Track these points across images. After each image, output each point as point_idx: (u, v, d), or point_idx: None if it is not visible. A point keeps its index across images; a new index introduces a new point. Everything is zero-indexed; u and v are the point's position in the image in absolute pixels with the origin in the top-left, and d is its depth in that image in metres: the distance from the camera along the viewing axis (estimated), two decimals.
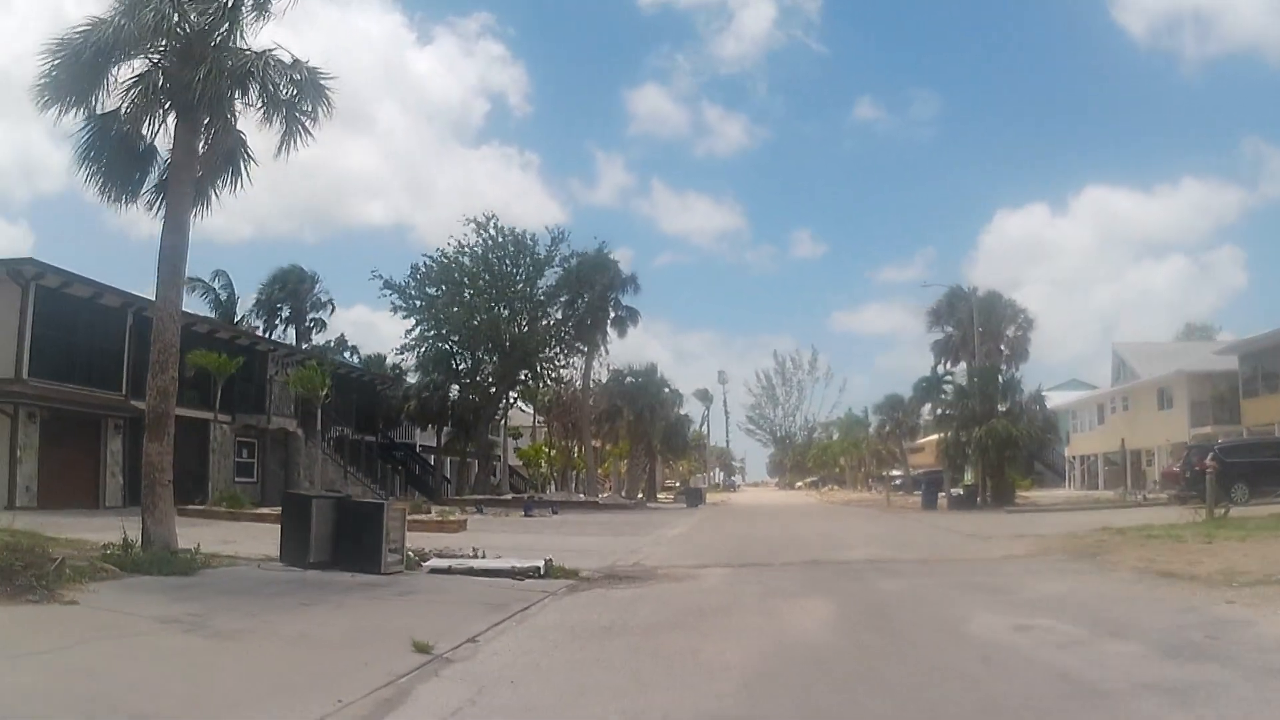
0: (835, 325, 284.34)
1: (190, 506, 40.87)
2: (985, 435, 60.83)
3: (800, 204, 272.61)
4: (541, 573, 21.40)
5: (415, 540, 25.78)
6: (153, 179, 24.12)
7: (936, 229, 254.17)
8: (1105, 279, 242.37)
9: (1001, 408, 64.07)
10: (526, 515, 54.37)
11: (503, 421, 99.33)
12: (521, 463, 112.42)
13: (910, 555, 27.93)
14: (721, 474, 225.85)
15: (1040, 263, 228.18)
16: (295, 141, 23.22)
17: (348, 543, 21.60)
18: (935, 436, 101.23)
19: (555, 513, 58.31)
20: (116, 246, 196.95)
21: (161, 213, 23.33)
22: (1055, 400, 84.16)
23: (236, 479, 57.60)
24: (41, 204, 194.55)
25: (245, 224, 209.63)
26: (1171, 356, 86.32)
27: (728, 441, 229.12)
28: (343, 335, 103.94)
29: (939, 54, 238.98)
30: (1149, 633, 13.57)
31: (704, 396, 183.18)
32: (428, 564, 22.45)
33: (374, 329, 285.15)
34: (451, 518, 41.24)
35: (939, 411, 73.07)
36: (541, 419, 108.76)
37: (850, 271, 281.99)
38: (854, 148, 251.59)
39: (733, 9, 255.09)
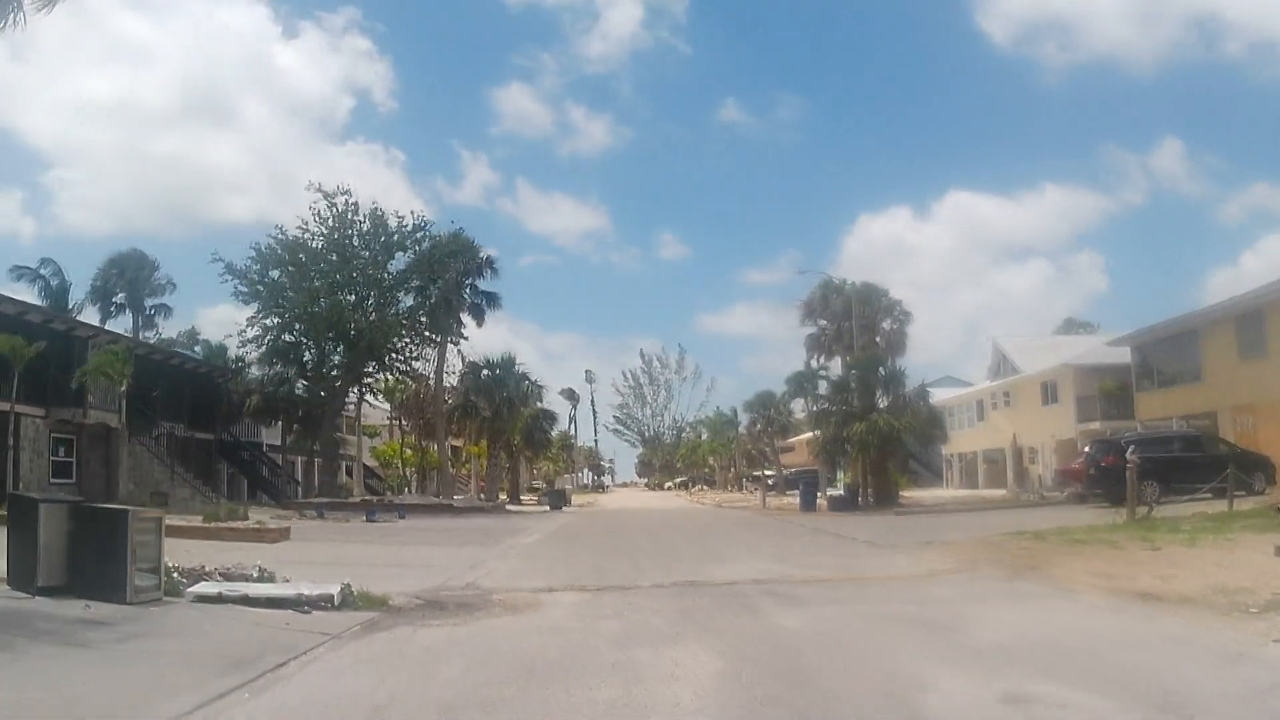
0: (701, 327, 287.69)
1: None
2: (866, 431, 56.81)
3: (665, 205, 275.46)
4: (335, 602, 16.44)
5: (221, 554, 23.46)
6: None
7: (800, 232, 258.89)
8: (968, 282, 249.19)
9: (882, 403, 60.28)
10: (369, 521, 49.88)
11: (357, 418, 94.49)
12: (378, 463, 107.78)
13: (806, 572, 23.04)
14: (590, 475, 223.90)
15: (903, 265, 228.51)
16: None
17: (89, 561, 16.58)
18: (808, 435, 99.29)
19: (402, 517, 54.13)
20: None
21: None
22: (932, 397, 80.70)
23: (53, 479, 52.26)
24: None
25: (104, 219, 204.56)
26: (1053, 350, 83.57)
27: (596, 442, 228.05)
28: (193, 328, 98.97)
29: (804, 57, 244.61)
30: (1221, 707, 9.27)
31: (571, 396, 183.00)
32: (195, 589, 17.25)
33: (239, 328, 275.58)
34: (270, 526, 36.17)
35: (815, 407, 69.75)
36: (395, 416, 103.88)
37: (715, 273, 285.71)
38: (719, 150, 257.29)
39: (599, 9, 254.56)
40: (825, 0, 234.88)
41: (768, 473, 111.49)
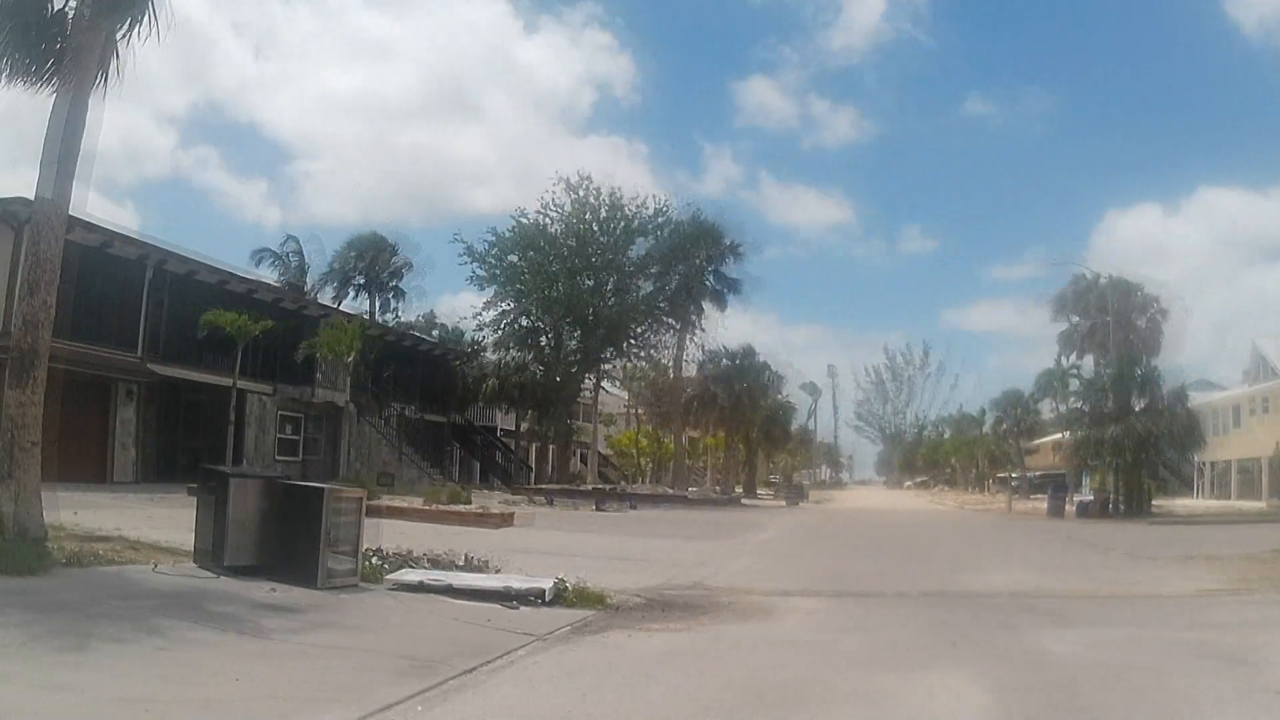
0: (944, 322, 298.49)
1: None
2: (1121, 435, 54.07)
3: (910, 199, 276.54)
4: (546, 598, 14.93)
5: (438, 539, 22.59)
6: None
7: (1047, 228, 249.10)
8: (1220, 281, 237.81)
9: (1138, 405, 56.90)
10: (598, 509, 48.58)
11: (594, 406, 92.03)
12: (612, 452, 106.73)
13: (1065, 584, 20.87)
14: (828, 471, 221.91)
15: (1152, 263, 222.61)
16: None
17: (281, 542, 15.41)
18: (1055, 436, 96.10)
19: (633, 508, 52.24)
20: (225, 228, 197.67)
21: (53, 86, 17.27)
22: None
23: (278, 456, 52.01)
24: (147, 187, 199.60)
25: (349, 209, 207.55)
26: None
27: (835, 437, 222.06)
28: (431, 313, 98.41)
29: (1048, 49, 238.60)
30: None
31: (812, 390, 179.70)
32: (396, 576, 15.91)
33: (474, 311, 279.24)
34: (493, 511, 34.81)
35: (1069, 407, 66.84)
36: (630, 404, 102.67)
37: (959, 268, 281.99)
38: (963, 143, 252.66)
39: (841, 1, 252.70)
40: None
41: (1010, 475, 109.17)
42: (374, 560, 16.70)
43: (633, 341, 75.69)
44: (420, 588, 15.23)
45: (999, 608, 16.50)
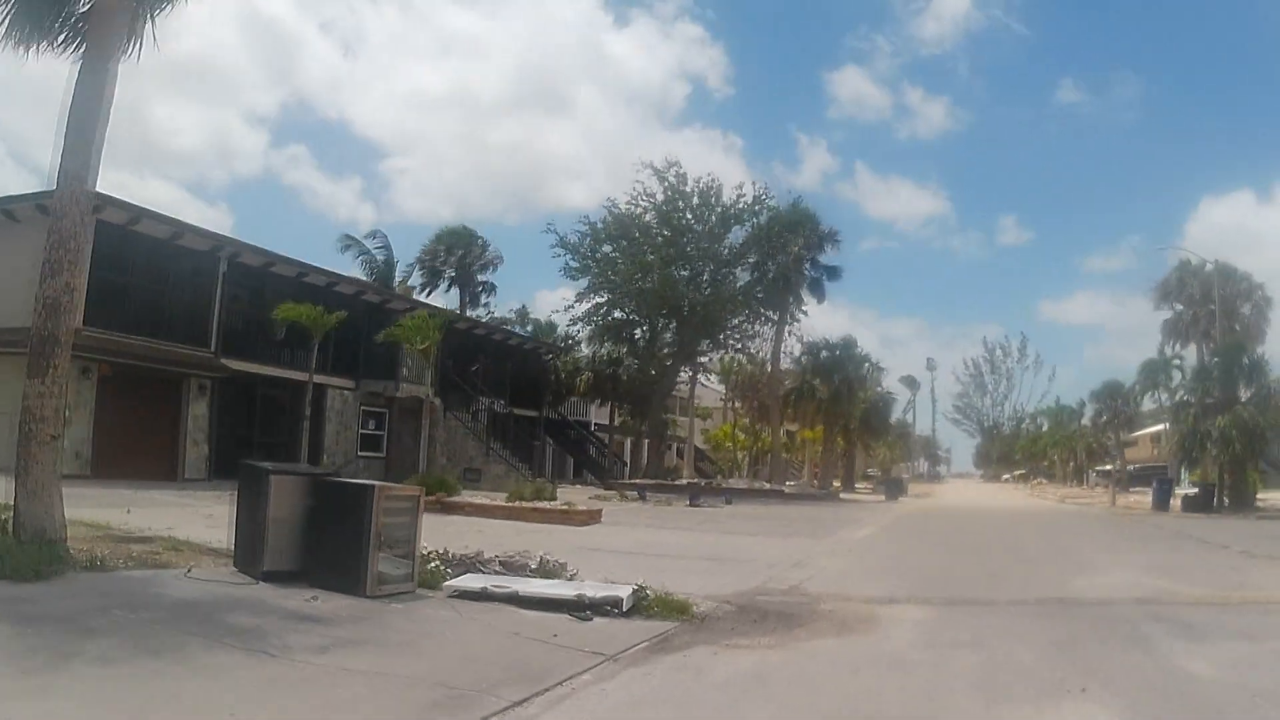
0: (1042, 314, 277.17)
1: None
2: (1229, 425, 52.10)
3: (1005, 189, 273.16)
4: (624, 607, 13.32)
5: (519, 537, 22.57)
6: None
7: (1142, 217, 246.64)
8: None
9: (1244, 395, 55.42)
10: (692, 505, 46.68)
11: (690, 399, 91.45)
12: (709, 446, 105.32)
13: (1189, 588, 18.91)
14: (926, 464, 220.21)
15: (1247, 252, 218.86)
16: None
17: (329, 544, 13.94)
18: (1154, 429, 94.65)
19: (728, 502, 50.39)
20: (318, 228, 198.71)
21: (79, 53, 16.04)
22: None
23: (360, 452, 51.28)
24: (239, 186, 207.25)
25: (441, 205, 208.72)
26: None
27: (934, 430, 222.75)
28: (524, 307, 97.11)
29: (1141, 34, 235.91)
30: None
31: (910, 383, 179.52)
32: (456, 581, 14.37)
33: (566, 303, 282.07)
34: (579, 508, 33.19)
35: (1174, 397, 64.74)
36: (727, 398, 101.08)
37: (1056, 259, 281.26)
38: (1057, 131, 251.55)
39: None
40: None
41: (1106, 467, 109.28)
42: (435, 564, 15.24)
43: (729, 333, 73.39)
44: (483, 595, 13.70)
45: (1125, 618, 14.71)
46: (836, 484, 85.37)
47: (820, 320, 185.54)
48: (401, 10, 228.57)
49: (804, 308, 78.08)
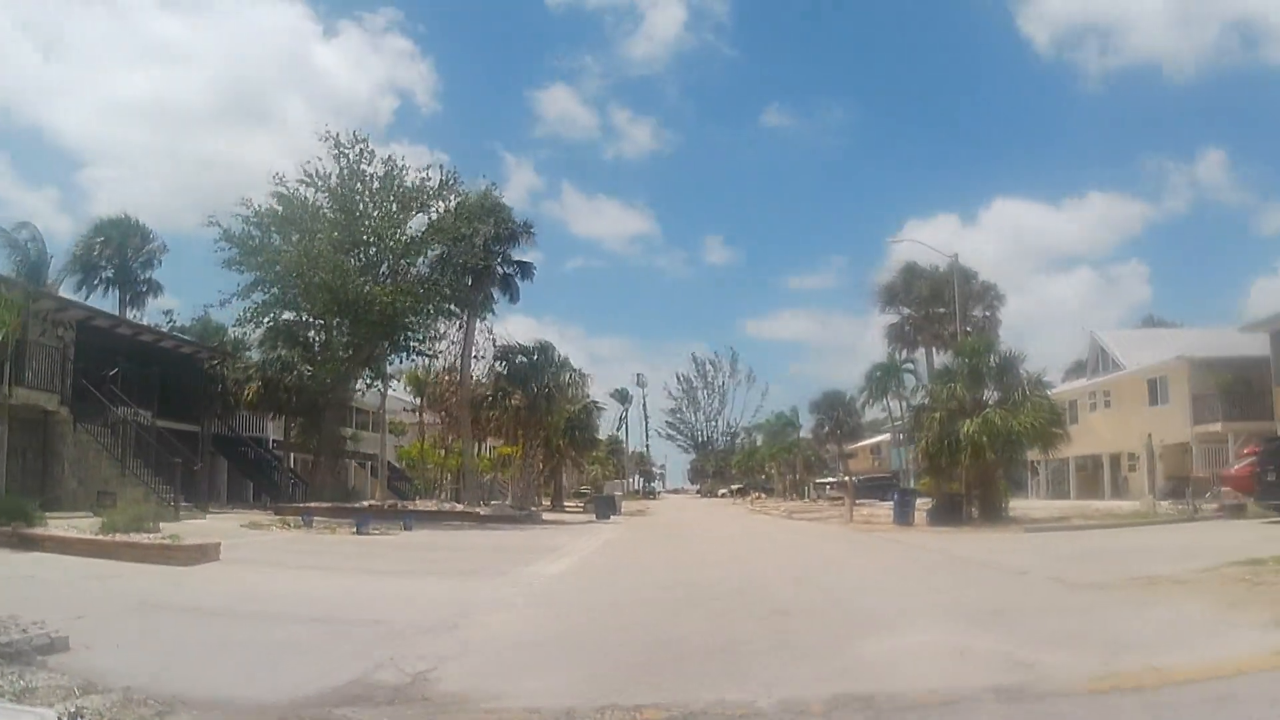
0: (749, 332, 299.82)
1: None
2: (979, 430, 47.04)
3: (712, 209, 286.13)
4: None
5: (85, 583, 18.51)
6: None
7: (848, 238, 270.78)
8: (1015, 290, 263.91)
9: (991, 397, 50.86)
10: (359, 533, 39.60)
11: (381, 411, 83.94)
12: (406, 464, 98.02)
13: (1053, 657, 11.90)
14: (641, 480, 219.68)
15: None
16: None
17: None
18: (878, 439, 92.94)
19: (409, 528, 43.52)
20: None
21: None
22: None
23: None
24: None
25: (144, 218, 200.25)
26: (1156, 343, 76.42)
27: (646, 446, 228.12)
28: (206, 312, 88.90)
29: (848, 61, 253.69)
30: None
31: (622, 397, 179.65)
32: None
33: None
34: (184, 543, 25.38)
35: (911, 401, 60.28)
36: (419, 409, 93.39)
37: (762, 278, 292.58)
38: (764, 154, 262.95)
39: (642, 10, 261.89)
40: (868, 4, 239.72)
41: (831, 480, 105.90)
42: None
43: (411, 333, 63.37)
44: None
45: None
46: (545, 503, 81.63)
47: (525, 335, 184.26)
48: (107, 14, 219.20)
49: (495, 307, 74.51)
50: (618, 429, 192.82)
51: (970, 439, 47.22)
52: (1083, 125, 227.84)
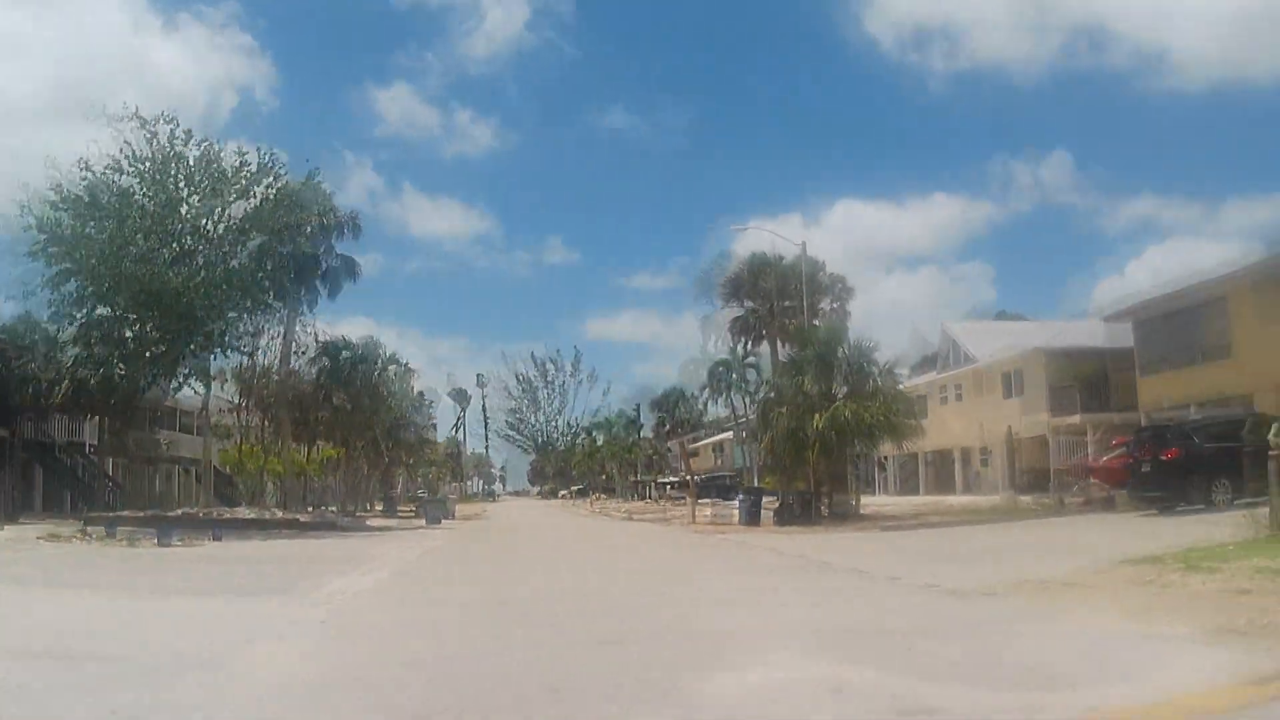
0: (591, 333, 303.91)
1: None
2: (829, 425, 45.07)
3: (553, 209, 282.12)
4: None
5: None
6: None
7: (692, 238, 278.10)
8: (859, 290, 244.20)
9: (840, 391, 48.32)
10: (160, 544, 36.09)
11: (205, 413, 78.92)
12: (229, 469, 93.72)
13: (949, 686, 9.61)
14: (481, 483, 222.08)
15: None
16: None
17: None
18: (721, 437, 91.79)
19: (218, 538, 40.43)
20: None
21: None
22: None
23: None
24: None
25: None
26: (1009, 336, 75.36)
27: (487, 448, 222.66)
28: (28, 312, 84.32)
29: (692, 62, 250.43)
30: None
31: (460, 397, 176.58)
32: None
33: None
34: None
35: (755, 395, 57.93)
36: (242, 408, 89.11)
37: (604, 278, 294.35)
38: (606, 154, 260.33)
39: (484, 8, 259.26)
40: (713, 3, 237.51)
41: (673, 479, 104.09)
42: None
43: (227, 329, 58.62)
44: None
45: None
46: (377, 507, 79.08)
47: (358, 334, 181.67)
48: None
49: (320, 303, 71.09)
50: (456, 431, 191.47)
51: (819, 434, 45.30)
52: (929, 127, 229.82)
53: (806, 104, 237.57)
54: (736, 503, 52.74)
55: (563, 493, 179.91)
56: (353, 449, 76.40)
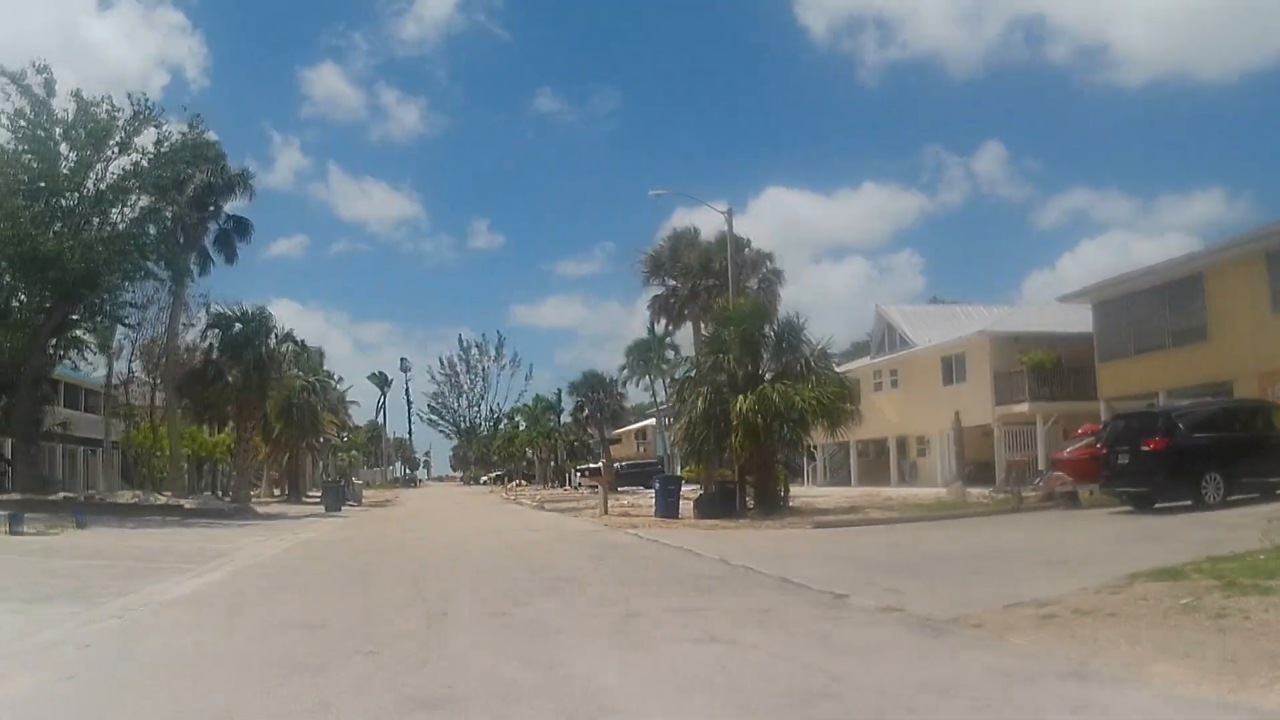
0: (515, 318, 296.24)
1: None
2: (754, 408, 40.65)
3: (479, 193, 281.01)
4: None
5: None
6: None
7: (617, 224, 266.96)
8: (787, 278, 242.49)
9: (768, 372, 44.63)
10: (10, 533, 32.98)
11: (105, 392, 77.17)
12: (134, 450, 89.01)
13: None
14: (403, 468, 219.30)
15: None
16: None
17: None
18: (643, 424, 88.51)
19: (81, 526, 36.88)
20: None
21: None
22: None
23: None
24: None
25: None
26: (955, 319, 72.66)
27: (410, 433, 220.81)
28: None
29: (621, 47, 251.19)
30: None
31: (381, 381, 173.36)
32: None
33: None
34: None
35: (682, 375, 53.63)
36: (119, 385, 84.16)
37: (529, 264, 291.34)
38: (534, 139, 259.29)
39: None
40: None
41: (594, 466, 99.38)
42: None
43: (110, 296, 55.08)
44: None
45: None
46: (283, 492, 76.95)
47: (291, 321, 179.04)
48: None
49: (211, 265, 68.12)
50: (377, 415, 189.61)
51: (743, 418, 41.08)
52: (860, 116, 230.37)
53: (736, 91, 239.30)
54: (654, 491, 48.94)
55: (483, 478, 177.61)
56: (242, 428, 70.81)
